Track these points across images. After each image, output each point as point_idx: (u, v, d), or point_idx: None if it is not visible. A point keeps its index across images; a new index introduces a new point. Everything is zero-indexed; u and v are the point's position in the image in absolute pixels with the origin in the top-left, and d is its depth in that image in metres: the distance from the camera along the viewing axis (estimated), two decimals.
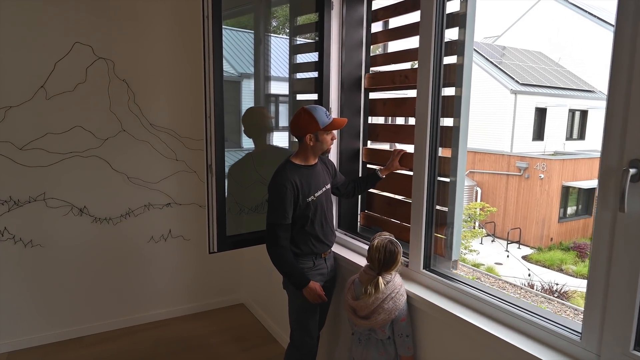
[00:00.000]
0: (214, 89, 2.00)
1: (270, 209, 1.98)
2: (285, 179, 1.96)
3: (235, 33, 2.61)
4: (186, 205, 3.40)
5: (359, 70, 2.57)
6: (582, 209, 14.21)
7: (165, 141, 3.24)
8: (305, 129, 1.98)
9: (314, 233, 2.08)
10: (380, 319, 1.76)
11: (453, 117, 1.97)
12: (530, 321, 1.51)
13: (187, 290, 3.54)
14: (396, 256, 1.82)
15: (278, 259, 2.01)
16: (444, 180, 2.01)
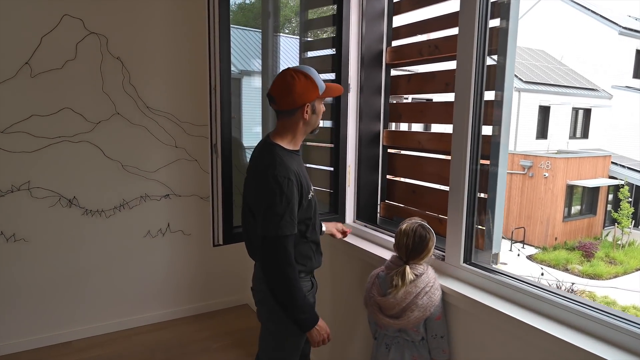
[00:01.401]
0: (220, 57, 1.73)
1: (270, 216, 1.44)
2: (288, 170, 1.47)
3: (237, 31, 2.37)
4: (186, 197, 3.12)
5: (379, 44, 2.31)
6: (587, 208, 13.97)
7: (163, 126, 2.96)
8: (303, 96, 1.50)
9: (316, 240, 1.68)
10: (414, 317, 1.51)
11: (495, 90, 1.71)
12: (598, 319, 1.25)
13: (186, 290, 3.26)
14: (427, 242, 1.58)
15: (290, 286, 1.47)
16: (484, 163, 1.75)
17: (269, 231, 1.46)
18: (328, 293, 2.37)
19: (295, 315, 1.52)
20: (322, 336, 1.57)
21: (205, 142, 3.05)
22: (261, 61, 2.58)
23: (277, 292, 1.51)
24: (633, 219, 13.05)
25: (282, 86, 1.51)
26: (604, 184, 13.31)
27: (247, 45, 2.68)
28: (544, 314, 1.39)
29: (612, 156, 13.83)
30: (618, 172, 13.46)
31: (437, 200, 2.06)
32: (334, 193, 2.26)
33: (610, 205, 13.77)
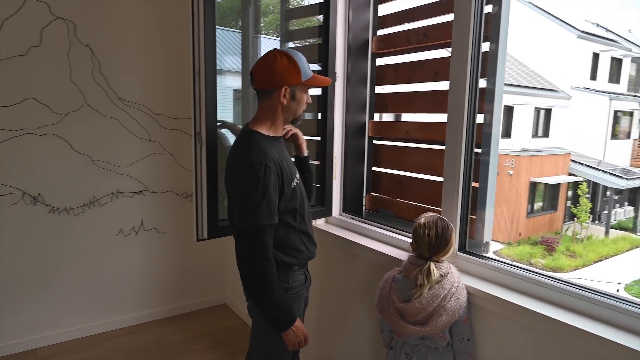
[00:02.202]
0: (204, 37, 1.63)
1: (245, 205, 1.36)
2: (264, 156, 1.39)
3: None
4: (161, 194, 2.98)
5: (365, 33, 2.26)
6: (548, 204, 14.49)
7: (136, 118, 2.81)
8: (282, 78, 1.42)
9: (306, 230, 1.58)
10: (442, 322, 1.40)
11: (487, 76, 1.69)
12: (625, 310, 1.23)
13: (162, 291, 3.11)
14: (450, 234, 1.48)
15: (266, 282, 1.39)
16: (476, 151, 1.73)
17: (245, 221, 1.37)
18: (316, 287, 2.30)
19: (270, 313, 1.43)
20: (299, 338, 1.47)
21: (182, 136, 2.94)
22: (241, 60, 2.49)
23: (252, 286, 1.43)
24: (591, 214, 13.66)
25: (263, 64, 1.45)
26: (564, 181, 13.85)
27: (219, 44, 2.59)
28: (553, 302, 1.37)
29: (571, 154, 14.39)
30: (577, 170, 14.04)
31: (425, 191, 2.03)
32: (320, 186, 2.20)
33: (570, 201, 14.33)
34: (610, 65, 16.43)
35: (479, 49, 1.61)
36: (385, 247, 1.94)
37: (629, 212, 14.98)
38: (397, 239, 1.96)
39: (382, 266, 1.92)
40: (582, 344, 1.23)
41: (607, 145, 15.48)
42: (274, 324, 1.45)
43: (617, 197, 14.74)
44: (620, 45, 16.71)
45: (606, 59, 16.30)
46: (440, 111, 1.93)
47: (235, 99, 2.54)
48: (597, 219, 14.53)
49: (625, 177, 13.63)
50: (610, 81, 16.40)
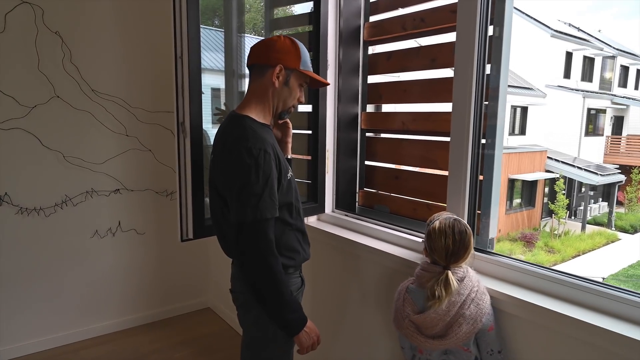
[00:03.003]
0: (187, 16, 1.49)
1: (245, 197, 1.21)
2: (262, 141, 1.25)
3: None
4: (139, 192, 2.81)
5: (357, 19, 2.15)
6: (526, 200, 14.72)
7: (112, 112, 2.63)
8: (279, 56, 1.32)
9: (302, 228, 1.45)
10: (463, 332, 1.25)
11: (491, 63, 1.60)
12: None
13: (141, 296, 2.93)
14: (469, 240, 1.32)
15: (276, 281, 1.25)
16: (482, 143, 1.64)
17: (246, 216, 1.21)
18: (308, 290, 2.17)
19: (282, 315, 1.28)
20: (312, 339, 1.34)
21: (162, 131, 2.78)
22: (224, 59, 2.35)
23: (260, 288, 1.26)
24: (568, 210, 13.93)
25: (264, 42, 1.36)
26: (541, 178, 14.08)
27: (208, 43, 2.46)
28: (585, 305, 1.25)
29: (547, 151, 14.65)
30: (553, 166, 14.29)
31: (424, 185, 1.93)
32: (312, 181, 2.07)
33: (547, 198, 14.59)
34: (582, 64, 16.81)
35: (486, 33, 1.51)
36: (382, 245, 1.83)
37: (603, 207, 15.35)
38: (395, 236, 1.85)
39: (380, 265, 1.81)
40: (632, 355, 1.10)
41: (581, 142, 15.83)
42: (286, 328, 1.30)
43: (592, 193, 15.08)
44: (592, 44, 17.12)
45: (579, 58, 16.67)
46: (438, 100, 1.84)
47: (213, 97, 2.41)
48: (574, 214, 14.84)
49: (599, 174, 13.95)
50: (583, 79, 16.78)
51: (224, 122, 1.39)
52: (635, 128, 17.82)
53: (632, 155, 15.78)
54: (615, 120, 17.30)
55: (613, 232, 13.02)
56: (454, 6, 1.65)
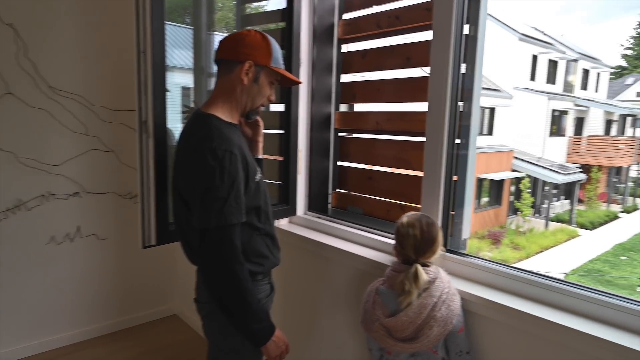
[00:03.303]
0: (151, 11, 1.39)
1: (210, 201, 1.14)
2: (228, 142, 1.18)
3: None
4: (101, 195, 2.66)
5: (331, 16, 2.09)
6: (493, 199, 15.08)
7: (71, 110, 2.48)
8: (249, 51, 1.24)
9: (271, 233, 1.38)
10: (434, 335, 1.23)
11: (466, 62, 1.57)
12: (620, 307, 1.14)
13: (101, 304, 2.78)
14: (436, 232, 1.33)
15: (242, 289, 1.18)
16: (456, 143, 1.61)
17: (210, 221, 1.14)
18: (279, 295, 2.10)
19: (249, 326, 1.22)
20: (281, 349, 1.29)
21: (125, 131, 2.64)
22: (193, 57, 2.25)
23: (225, 298, 1.19)
24: (532, 208, 14.37)
25: (233, 36, 1.29)
26: (507, 177, 14.44)
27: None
28: (554, 304, 1.26)
29: (513, 151, 15.05)
30: (519, 166, 14.69)
31: (398, 186, 1.90)
32: (284, 183, 2.00)
33: (513, 196, 14.99)
34: (547, 67, 17.37)
35: (462, 32, 1.48)
36: (356, 247, 1.78)
37: (565, 205, 15.90)
38: (368, 238, 1.81)
39: (354, 268, 1.76)
40: (599, 354, 1.11)
41: (545, 143, 16.34)
42: (253, 338, 1.24)
43: (555, 191, 15.60)
44: (556, 48, 17.70)
45: (544, 61, 17.20)
46: (413, 100, 1.80)
47: (183, 96, 2.31)
48: (538, 212, 15.31)
49: (562, 173, 14.45)
50: (547, 82, 17.33)
51: (188, 120, 1.30)
52: (595, 129, 18.58)
53: (592, 155, 16.42)
54: (577, 121, 17.95)
55: (574, 229, 13.52)
56: (429, 4, 1.62)
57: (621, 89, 23.73)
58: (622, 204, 16.34)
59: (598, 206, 15.32)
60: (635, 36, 29.46)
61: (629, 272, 10.24)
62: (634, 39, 29.54)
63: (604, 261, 10.89)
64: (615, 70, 27.20)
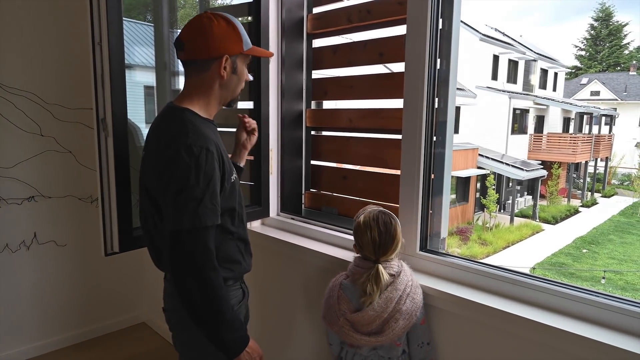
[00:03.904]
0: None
1: (183, 202, 1.06)
2: (204, 138, 1.10)
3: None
4: (59, 199, 2.50)
5: (300, 10, 2.03)
6: (460, 196, 15.42)
7: (22, 109, 2.31)
8: (222, 45, 1.15)
9: (244, 237, 1.31)
10: (399, 327, 1.24)
11: (441, 57, 1.54)
12: (598, 303, 1.13)
13: (64, 314, 2.62)
14: (395, 230, 1.30)
15: (216, 297, 1.10)
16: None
17: (183, 223, 1.06)
18: (254, 299, 2.02)
19: (222, 335, 1.13)
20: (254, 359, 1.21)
21: (83, 130, 2.49)
22: (154, 55, 2.14)
23: (197, 306, 1.10)
24: (497, 204, 14.76)
25: (196, 29, 1.15)
26: (473, 174, 14.78)
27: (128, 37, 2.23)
28: (524, 300, 1.25)
29: (478, 149, 15.42)
30: (484, 163, 15.05)
31: (373, 185, 1.86)
32: (255, 183, 1.93)
33: (479, 193, 15.35)
34: (508, 67, 17.89)
35: (437, 26, 1.44)
36: (331, 249, 1.73)
37: (528, 201, 16.43)
38: (344, 239, 1.75)
39: (330, 270, 1.69)
40: (553, 341, 1.12)
41: (508, 140, 16.83)
42: (226, 349, 1.15)
43: (519, 187, 16.09)
44: (515, 48, 18.26)
45: (504, 61, 17.72)
46: (387, 96, 1.76)
47: (147, 95, 2.19)
48: (503, 208, 15.75)
49: (525, 169, 14.90)
50: (508, 81, 17.86)
51: (158, 114, 1.21)
52: (554, 127, 19.30)
53: (551, 152, 17.03)
54: (537, 119, 18.58)
55: (537, 224, 13.97)
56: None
57: (577, 88, 24.80)
58: (582, 198, 17.03)
59: (559, 201, 15.91)
60: (587, 38, 30.87)
61: (590, 265, 10.66)
62: (586, 40, 30.94)
63: (566, 254, 11.31)
64: (570, 70, 28.42)
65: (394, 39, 1.69)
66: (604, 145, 18.76)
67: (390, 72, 1.77)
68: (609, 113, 20.61)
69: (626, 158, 20.81)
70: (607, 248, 11.81)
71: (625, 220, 14.55)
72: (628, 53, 29.29)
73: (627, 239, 12.56)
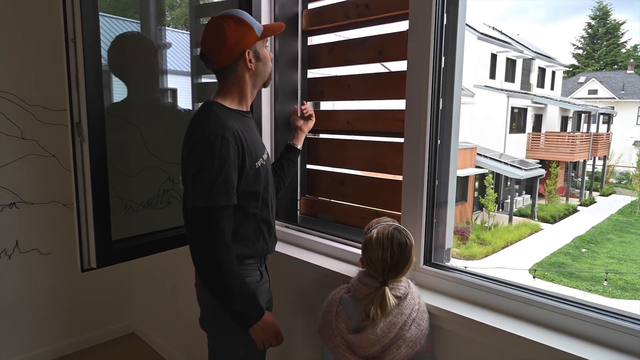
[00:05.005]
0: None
1: (199, 183, 1.18)
2: (222, 127, 1.20)
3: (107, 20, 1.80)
4: (42, 205, 2.38)
5: (294, 6, 1.92)
6: (459, 195, 15.34)
7: (3, 111, 2.19)
8: (240, 43, 1.25)
9: (267, 218, 1.37)
10: (401, 355, 1.12)
11: (447, 53, 1.43)
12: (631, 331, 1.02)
13: (50, 325, 2.50)
14: (410, 250, 1.17)
15: (223, 273, 1.19)
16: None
17: (198, 201, 1.18)
18: None
19: (230, 307, 1.22)
20: (268, 335, 1.28)
21: (67, 132, 2.36)
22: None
23: (208, 278, 1.21)
24: (496, 203, 14.69)
25: (212, 39, 1.25)
26: (472, 173, 14.70)
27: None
28: (543, 323, 1.13)
29: (477, 148, 15.34)
30: (482, 162, 14.98)
31: (373, 191, 1.74)
32: None
33: (477, 192, 15.28)
34: (506, 65, 17.82)
35: (442, 20, 1.33)
36: (328, 261, 1.62)
37: (526, 200, 16.38)
38: (342, 250, 1.64)
39: (326, 285, 1.59)
40: None
41: (506, 139, 16.76)
42: (237, 319, 1.24)
43: (517, 186, 16.03)
44: (513, 47, 18.19)
45: (502, 60, 17.64)
46: (387, 97, 1.65)
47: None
48: (501, 207, 15.69)
49: (523, 168, 14.84)
50: (506, 80, 17.79)
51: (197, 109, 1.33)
52: (552, 125, 19.25)
53: (550, 151, 16.98)
54: (535, 118, 18.52)
55: (536, 223, 13.90)
56: None
57: (575, 86, 24.77)
58: (580, 197, 16.99)
59: (558, 200, 15.85)
60: (585, 36, 30.87)
61: (589, 264, 10.59)
62: (583, 38, 30.94)
63: (565, 254, 11.23)
64: (568, 68, 28.42)
65: (394, 35, 1.57)
66: (602, 144, 18.73)
67: (391, 71, 1.66)
68: (606, 112, 20.58)
69: (624, 157, 20.80)
70: (606, 247, 11.75)
71: (624, 219, 14.51)
72: (625, 51, 29.31)
73: (626, 238, 12.51)
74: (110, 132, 1.32)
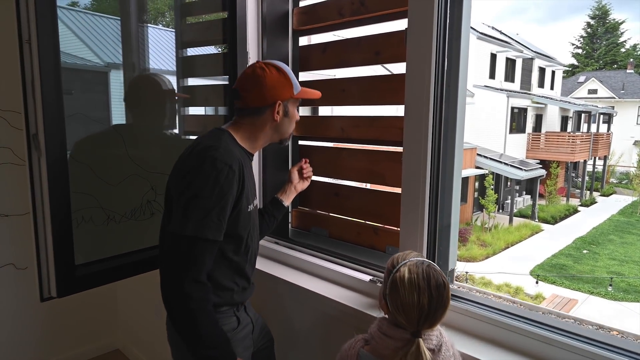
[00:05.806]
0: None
1: (193, 207, 1.09)
2: (231, 157, 1.13)
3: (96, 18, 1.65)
4: (17, 217, 2.23)
5: (284, 3, 1.77)
6: None
7: None
8: (274, 92, 1.22)
9: (243, 268, 1.26)
10: None
11: (451, 52, 1.29)
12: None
13: (27, 344, 2.35)
14: (448, 294, 0.96)
15: (194, 310, 1.08)
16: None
17: (185, 228, 1.07)
18: None
19: (197, 349, 1.10)
20: None
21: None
22: (122, 54, 1.88)
23: (175, 311, 1.09)
24: (496, 204, 14.56)
25: (250, 79, 1.23)
26: (472, 174, 14.57)
27: (112, 35, 1.97)
28: None
29: (477, 148, 15.22)
30: (482, 163, 14.85)
31: (370, 204, 1.61)
32: None
33: (477, 193, 15.15)
34: (505, 65, 17.69)
35: (445, 19, 1.19)
36: (324, 286, 1.48)
37: (527, 200, 16.25)
38: (337, 273, 1.50)
39: (323, 313, 1.45)
40: None
41: (506, 139, 16.63)
42: None
43: (517, 187, 15.90)
44: (513, 47, 18.06)
45: (502, 60, 17.51)
46: (384, 102, 1.51)
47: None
48: (501, 208, 15.56)
49: (524, 169, 14.71)
50: (506, 80, 17.66)
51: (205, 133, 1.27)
52: (553, 125, 19.12)
53: (550, 151, 16.85)
54: (535, 118, 18.40)
55: (537, 224, 13.77)
56: None
57: (574, 86, 24.67)
58: (581, 197, 16.87)
59: (558, 201, 15.72)
60: (584, 36, 30.77)
61: (591, 266, 10.46)
62: (583, 38, 30.85)
63: (566, 255, 11.10)
64: (567, 68, 28.32)
65: (392, 35, 1.44)
66: (602, 144, 18.61)
67: (389, 73, 1.52)
68: (607, 111, 20.47)
69: (624, 156, 20.69)
70: (607, 248, 11.62)
71: (625, 220, 14.39)
72: (625, 51, 29.22)
73: (627, 239, 12.38)
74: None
